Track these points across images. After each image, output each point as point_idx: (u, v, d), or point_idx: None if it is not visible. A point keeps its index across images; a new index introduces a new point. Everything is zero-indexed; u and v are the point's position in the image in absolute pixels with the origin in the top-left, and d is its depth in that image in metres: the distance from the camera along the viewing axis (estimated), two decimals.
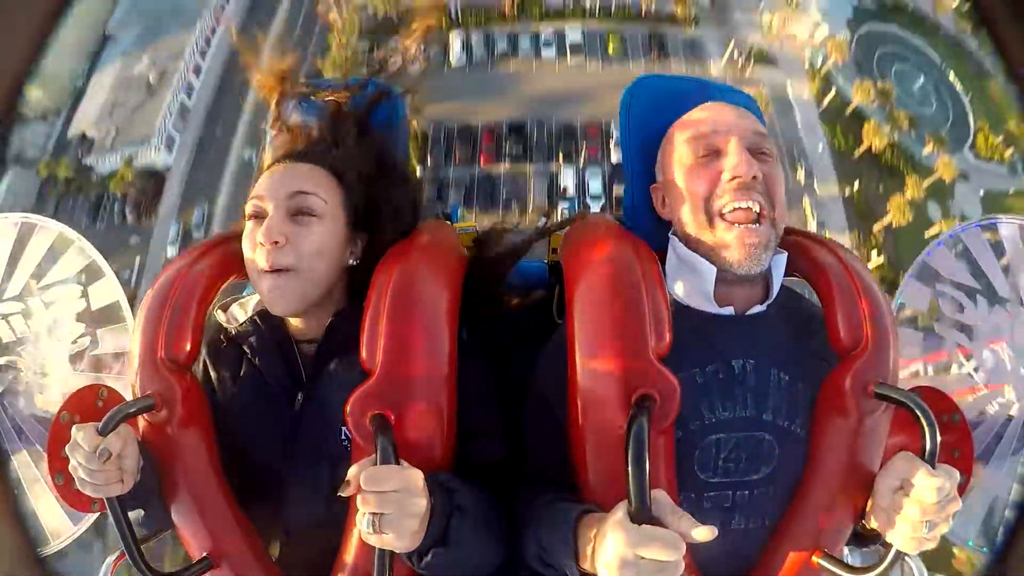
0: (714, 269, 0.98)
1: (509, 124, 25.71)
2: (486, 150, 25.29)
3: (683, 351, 0.90)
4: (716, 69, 25.99)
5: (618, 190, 23.14)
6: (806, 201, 22.84)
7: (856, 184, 23.56)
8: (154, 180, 24.39)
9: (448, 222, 1.41)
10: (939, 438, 0.83)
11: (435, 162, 24.51)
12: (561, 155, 24.62)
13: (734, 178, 0.95)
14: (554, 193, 24.14)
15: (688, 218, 1.00)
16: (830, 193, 23.80)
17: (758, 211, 0.95)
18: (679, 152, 1.03)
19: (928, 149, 24.33)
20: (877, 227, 22.60)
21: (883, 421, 0.95)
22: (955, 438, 1.23)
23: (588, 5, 30.06)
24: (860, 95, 25.12)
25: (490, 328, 1.26)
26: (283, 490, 1.03)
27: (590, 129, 24.84)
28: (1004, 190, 24.05)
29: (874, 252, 21.84)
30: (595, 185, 23.87)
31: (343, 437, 0.97)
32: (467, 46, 27.49)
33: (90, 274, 1.43)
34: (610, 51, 27.10)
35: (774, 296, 1.02)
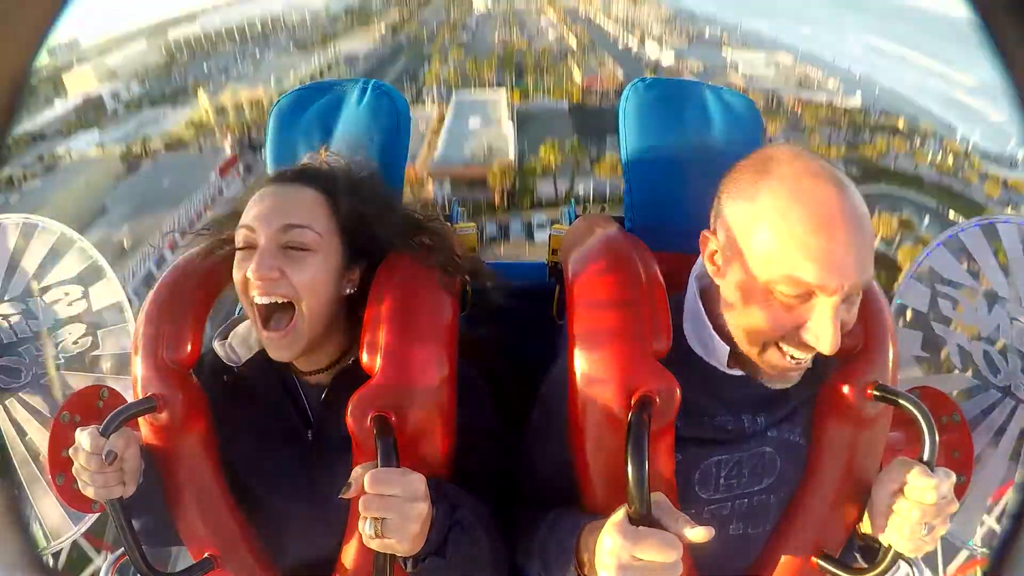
0: (727, 350, 0.91)
1: None
2: None
3: (692, 401, 0.88)
4: None
5: None
6: None
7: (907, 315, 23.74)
8: None
9: (448, 223, 1.41)
10: (938, 439, 0.83)
11: None
12: None
13: (811, 346, 0.82)
14: None
15: (743, 334, 0.88)
16: None
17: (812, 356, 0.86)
18: (767, 268, 0.82)
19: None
20: None
21: (882, 422, 0.95)
22: (955, 438, 1.23)
23: (582, 194, 29.73)
24: (882, 228, 26.44)
25: (491, 328, 1.26)
26: (290, 524, 1.02)
27: None
28: None
29: None
30: None
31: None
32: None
33: (91, 275, 1.43)
34: None
35: None
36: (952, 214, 29.23)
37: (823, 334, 0.80)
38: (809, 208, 0.79)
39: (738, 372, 0.94)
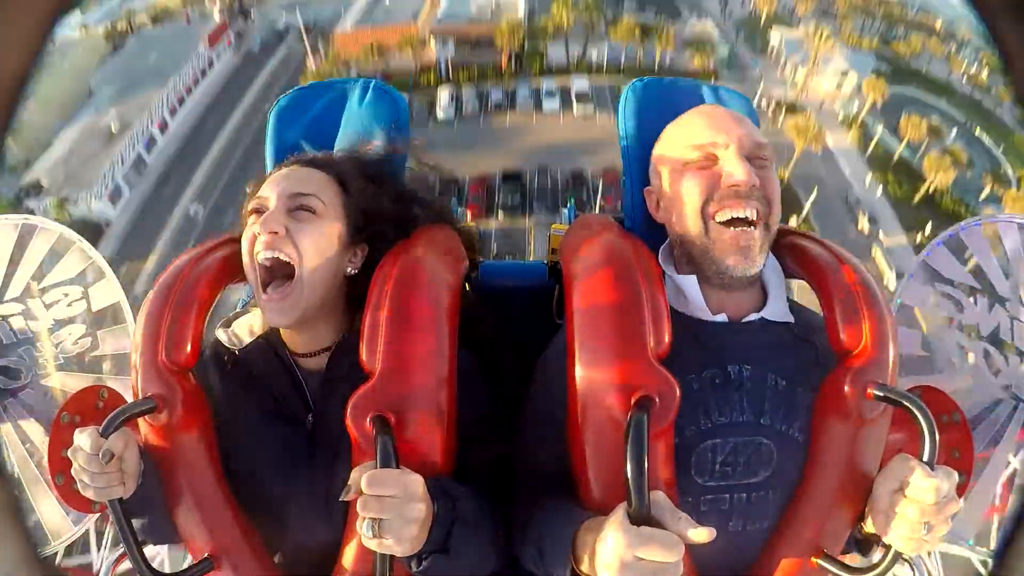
0: (694, 278, 1.01)
1: (503, 173, 22.32)
2: (473, 201, 21.86)
3: (679, 357, 0.90)
4: None
5: None
6: (876, 251, 21.76)
7: (927, 229, 21.83)
8: (89, 231, 22.21)
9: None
10: (938, 439, 0.83)
11: None
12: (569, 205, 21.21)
13: (733, 186, 0.95)
14: None
15: (684, 222, 1.00)
16: (898, 242, 22.39)
17: (754, 218, 0.95)
18: (675, 154, 1.03)
19: (985, 193, 23.30)
20: None
21: (882, 422, 0.95)
22: (955, 438, 1.23)
23: (595, 61, 27.86)
24: (910, 131, 24.18)
25: (490, 328, 1.26)
26: (291, 508, 1.03)
27: (607, 176, 21.56)
28: None
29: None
30: None
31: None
32: (456, 99, 24.52)
33: (91, 275, 1.43)
34: None
35: (772, 309, 1.02)
36: (978, 131, 26.78)
37: (733, 168, 0.96)
38: (693, 110, 1.08)
39: (720, 318, 0.99)
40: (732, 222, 0.96)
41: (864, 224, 22.60)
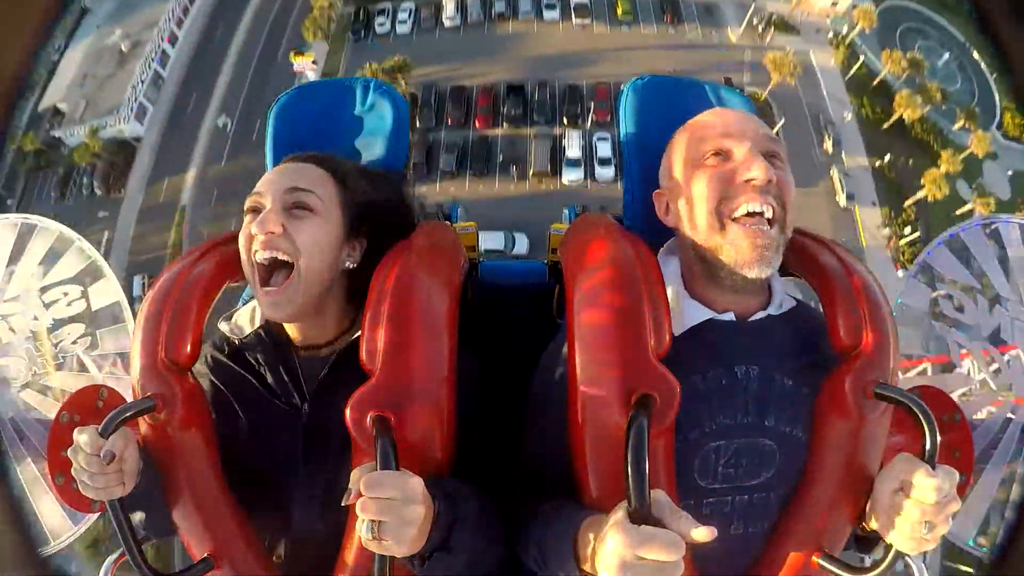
0: (691, 299, 1.00)
1: (508, 85, 23.60)
2: (481, 112, 23.31)
3: (685, 356, 0.89)
4: (734, 35, 24.74)
5: None
6: (834, 172, 21.88)
7: (887, 157, 22.32)
8: (123, 151, 23.31)
9: (448, 222, 1.41)
10: (939, 438, 0.83)
11: (425, 125, 22.90)
12: (566, 118, 22.93)
13: (748, 181, 0.93)
14: (558, 157, 22.25)
15: (697, 221, 0.97)
16: (859, 164, 22.48)
17: (771, 216, 0.93)
18: (688, 154, 1.00)
19: (959, 124, 23.04)
20: (909, 202, 21.50)
21: (883, 421, 0.95)
22: (955, 438, 1.23)
23: None
24: (891, 65, 23.73)
25: (490, 328, 1.26)
26: (289, 500, 1.03)
27: (599, 91, 22.89)
28: None
29: (907, 228, 20.85)
30: (604, 148, 21.88)
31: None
32: (462, 6, 25.68)
33: (90, 274, 1.43)
34: (619, 14, 25.18)
35: (777, 303, 1.01)
36: (976, 54, 24.52)
37: (750, 164, 0.93)
38: (705, 112, 1.06)
39: (727, 317, 0.98)
40: (748, 217, 0.93)
41: (829, 146, 22.41)
